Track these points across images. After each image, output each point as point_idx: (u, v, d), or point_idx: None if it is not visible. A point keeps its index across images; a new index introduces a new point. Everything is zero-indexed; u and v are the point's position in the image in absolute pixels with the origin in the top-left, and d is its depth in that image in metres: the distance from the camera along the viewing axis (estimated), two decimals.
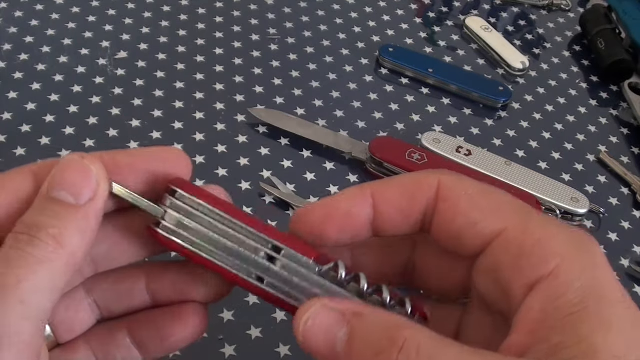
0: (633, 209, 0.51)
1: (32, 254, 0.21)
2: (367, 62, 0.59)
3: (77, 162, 0.23)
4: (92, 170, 0.23)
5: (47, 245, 0.22)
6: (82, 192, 0.23)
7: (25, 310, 0.21)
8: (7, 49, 0.54)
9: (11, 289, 0.21)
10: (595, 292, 0.22)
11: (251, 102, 0.53)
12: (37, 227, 0.22)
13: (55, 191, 0.23)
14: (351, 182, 0.49)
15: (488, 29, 0.63)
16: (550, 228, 0.23)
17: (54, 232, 0.22)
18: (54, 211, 0.22)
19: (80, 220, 0.23)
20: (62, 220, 0.22)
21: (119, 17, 0.59)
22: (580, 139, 0.56)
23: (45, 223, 0.22)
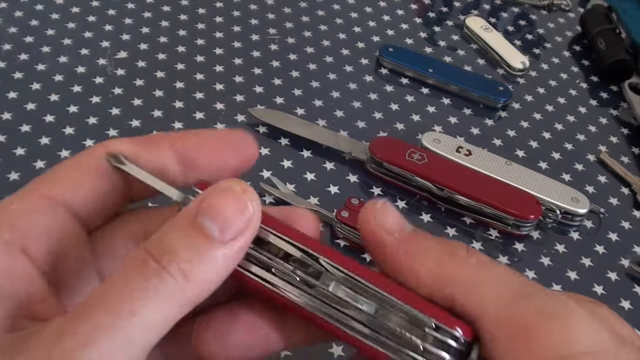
0: (633, 209, 0.51)
1: (157, 288, 0.19)
2: (367, 62, 0.59)
3: (237, 194, 0.21)
4: (249, 209, 0.21)
5: (175, 281, 0.19)
6: (230, 229, 0.20)
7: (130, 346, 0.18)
8: (7, 49, 0.54)
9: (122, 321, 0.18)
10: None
11: (251, 102, 0.53)
12: (169, 255, 0.19)
13: (205, 219, 0.20)
14: (351, 182, 0.49)
15: (488, 29, 0.63)
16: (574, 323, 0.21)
17: (185, 266, 0.19)
18: (194, 243, 0.20)
19: (218, 259, 0.20)
20: (199, 254, 0.20)
21: (119, 17, 0.59)
22: (580, 139, 0.56)
23: (179, 253, 0.19)
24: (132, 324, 0.18)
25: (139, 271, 0.19)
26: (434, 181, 0.47)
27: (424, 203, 0.49)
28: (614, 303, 0.45)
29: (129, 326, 0.18)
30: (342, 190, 0.48)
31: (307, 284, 0.22)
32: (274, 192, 0.47)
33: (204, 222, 0.20)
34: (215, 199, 0.20)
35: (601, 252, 0.48)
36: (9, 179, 0.45)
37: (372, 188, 0.49)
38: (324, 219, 0.46)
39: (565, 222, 0.49)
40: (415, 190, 0.49)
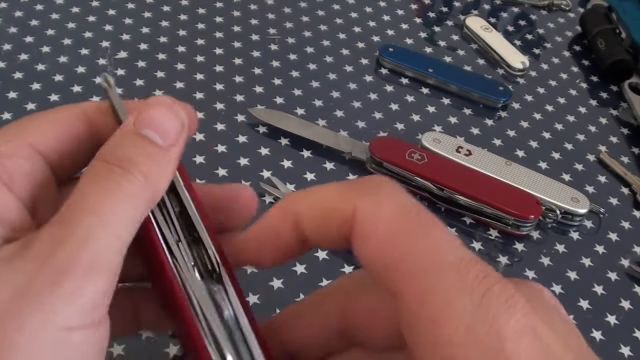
0: (633, 209, 0.51)
1: (127, 188, 0.22)
2: (367, 62, 0.59)
3: (168, 105, 0.24)
4: (181, 115, 0.24)
5: (138, 181, 0.22)
6: (169, 135, 0.23)
7: (118, 242, 0.21)
8: (7, 49, 0.54)
9: (108, 221, 0.21)
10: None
11: (251, 102, 0.53)
12: (130, 161, 0.22)
13: (145, 129, 0.23)
14: None
15: (488, 29, 0.63)
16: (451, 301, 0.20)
17: (144, 169, 0.22)
18: (144, 149, 0.23)
19: (164, 161, 0.23)
20: (151, 159, 0.23)
21: (119, 17, 0.59)
22: (580, 139, 0.56)
23: (137, 160, 0.22)
24: (115, 222, 0.21)
25: (108, 177, 0.22)
26: (434, 181, 0.47)
27: (424, 203, 0.49)
28: (614, 303, 0.45)
29: (113, 224, 0.21)
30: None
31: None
32: (274, 192, 0.47)
33: (147, 134, 0.23)
34: (152, 111, 0.23)
35: (601, 252, 0.48)
36: None
37: None
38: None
39: (565, 222, 0.49)
40: (415, 190, 0.49)
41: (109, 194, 0.21)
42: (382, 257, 0.21)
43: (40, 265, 0.20)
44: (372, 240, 0.21)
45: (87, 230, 0.20)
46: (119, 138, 0.23)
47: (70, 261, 0.20)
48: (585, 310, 0.44)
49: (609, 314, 0.44)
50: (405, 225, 0.21)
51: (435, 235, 0.21)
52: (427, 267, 0.21)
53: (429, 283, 0.20)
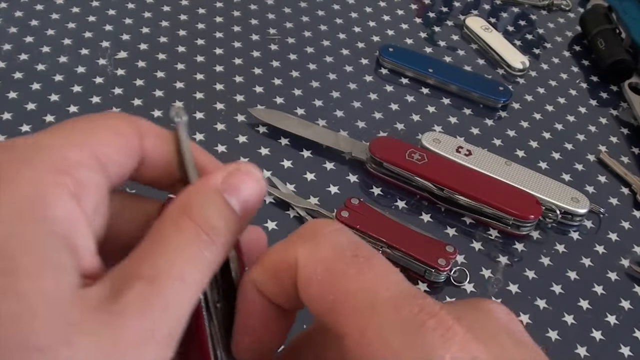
0: (633, 209, 0.51)
1: (208, 259, 0.21)
2: (367, 62, 0.59)
3: (257, 179, 0.24)
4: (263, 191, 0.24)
5: (218, 252, 0.22)
6: (247, 209, 0.23)
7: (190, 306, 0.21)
8: (7, 49, 0.54)
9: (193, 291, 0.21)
10: None
11: (251, 102, 0.53)
12: (215, 232, 0.22)
13: (231, 197, 0.22)
14: (351, 182, 0.49)
15: (488, 29, 0.63)
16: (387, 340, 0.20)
17: (224, 241, 0.22)
18: (228, 220, 0.22)
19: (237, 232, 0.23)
20: (230, 231, 0.22)
21: (119, 17, 0.59)
22: (580, 139, 0.56)
23: (222, 231, 0.22)
24: (194, 288, 0.21)
25: (196, 243, 0.21)
26: (434, 181, 0.47)
27: (424, 203, 0.49)
28: (614, 303, 0.45)
29: (193, 293, 0.21)
30: (342, 190, 0.48)
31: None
32: (274, 192, 0.47)
33: (231, 201, 0.22)
34: (242, 182, 0.23)
35: (601, 252, 0.48)
36: None
37: (372, 188, 0.49)
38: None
39: (565, 222, 0.49)
40: (415, 190, 0.49)
41: (194, 262, 0.21)
42: (323, 301, 0.21)
43: (127, 325, 0.19)
44: (312, 284, 0.21)
45: (173, 297, 0.20)
46: (205, 197, 0.22)
47: (156, 328, 0.20)
48: (585, 310, 0.44)
49: (609, 314, 0.44)
50: (341, 266, 0.21)
51: (372, 272, 0.21)
52: (362, 306, 0.20)
53: (364, 322, 0.20)
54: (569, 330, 0.43)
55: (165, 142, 0.24)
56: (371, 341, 0.20)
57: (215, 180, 0.23)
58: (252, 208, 0.23)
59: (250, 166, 0.24)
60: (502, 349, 0.20)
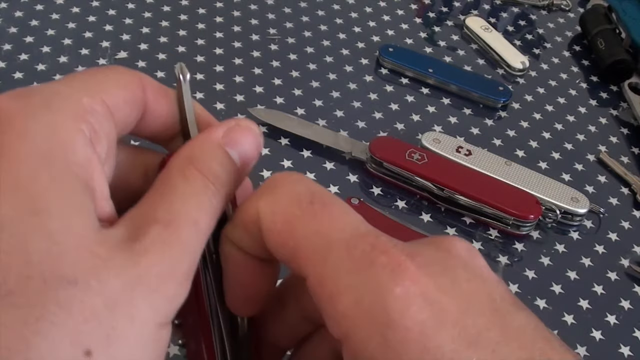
0: (633, 209, 0.51)
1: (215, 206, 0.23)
2: (367, 62, 0.59)
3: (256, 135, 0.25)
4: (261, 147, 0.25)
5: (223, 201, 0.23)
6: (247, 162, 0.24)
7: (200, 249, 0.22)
8: (7, 49, 0.54)
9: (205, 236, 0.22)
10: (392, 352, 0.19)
11: (251, 102, 0.53)
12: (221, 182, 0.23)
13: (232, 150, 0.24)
14: (351, 182, 0.49)
15: (488, 29, 0.63)
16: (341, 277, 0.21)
17: (228, 191, 0.23)
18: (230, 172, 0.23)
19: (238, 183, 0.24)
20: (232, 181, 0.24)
21: (119, 17, 0.59)
22: (580, 139, 0.56)
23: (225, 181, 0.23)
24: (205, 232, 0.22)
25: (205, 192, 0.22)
26: (434, 181, 0.48)
27: (424, 203, 0.49)
28: (613, 303, 0.45)
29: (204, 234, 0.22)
30: (342, 190, 0.48)
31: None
32: None
33: (232, 154, 0.24)
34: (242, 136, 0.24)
35: (601, 252, 0.48)
36: None
37: (372, 188, 0.49)
38: None
39: (565, 222, 0.49)
40: (415, 190, 0.49)
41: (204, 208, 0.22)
42: (284, 249, 0.22)
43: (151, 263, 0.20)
44: (274, 234, 0.22)
45: (189, 239, 0.21)
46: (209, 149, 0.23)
47: (175, 267, 0.21)
48: (585, 310, 0.44)
49: (609, 314, 0.44)
50: (297, 213, 0.22)
51: (327, 217, 0.22)
52: (318, 249, 0.21)
53: (320, 264, 0.21)
54: (569, 330, 0.43)
55: (166, 98, 0.25)
56: (326, 281, 0.21)
57: (217, 134, 0.24)
58: (251, 161, 0.24)
59: (249, 122, 0.25)
60: (454, 282, 0.21)
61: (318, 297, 0.21)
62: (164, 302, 0.21)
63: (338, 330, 0.21)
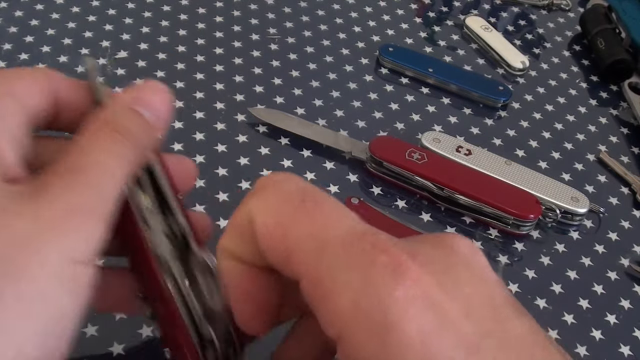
0: (633, 209, 0.51)
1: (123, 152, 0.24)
2: (367, 61, 0.59)
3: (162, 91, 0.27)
4: (170, 104, 0.27)
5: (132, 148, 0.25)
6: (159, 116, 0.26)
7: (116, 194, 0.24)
8: (7, 49, 0.54)
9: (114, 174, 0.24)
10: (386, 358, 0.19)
11: (251, 102, 0.53)
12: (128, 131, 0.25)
13: (139, 107, 0.26)
14: (351, 181, 0.49)
15: (488, 29, 0.63)
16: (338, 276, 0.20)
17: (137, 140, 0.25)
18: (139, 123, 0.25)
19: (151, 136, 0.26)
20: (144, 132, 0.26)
21: (119, 17, 0.59)
22: (580, 139, 0.56)
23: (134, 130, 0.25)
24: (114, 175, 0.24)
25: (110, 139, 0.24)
26: (434, 181, 0.48)
27: (424, 203, 0.49)
28: (613, 303, 0.45)
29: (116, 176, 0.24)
30: (342, 189, 0.48)
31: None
32: None
33: (141, 110, 0.26)
34: (145, 92, 0.26)
35: (601, 252, 0.48)
36: None
37: (372, 188, 0.49)
38: None
39: (565, 221, 0.49)
40: (415, 189, 0.49)
41: (111, 152, 0.24)
42: (277, 251, 0.22)
43: (54, 202, 0.22)
44: (265, 237, 0.22)
45: (95, 178, 0.23)
46: (118, 109, 0.26)
47: (82, 203, 0.22)
48: (585, 310, 0.44)
49: (609, 314, 0.44)
50: (289, 213, 0.22)
51: (321, 216, 0.22)
52: (313, 249, 0.21)
53: (316, 264, 0.21)
54: (569, 329, 0.43)
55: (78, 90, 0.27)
56: (323, 281, 0.20)
57: (123, 96, 0.26)
58: (160, 113, 0.26)
59: (154, 82, 0.27)
60: (455, 283, 0.20)
61: (312, 298, 0.21)
62: (76, 240, 0.22)
63: (332, 331, 0.20)
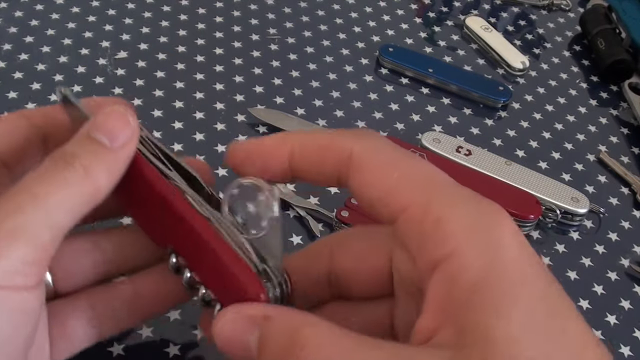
0: (633, 209, 0.51)
1: (64, 177, 0.24)
2: (367, 62, 0.59)
3: (119, 112, 0.26)
4: (130, 122, 0.26)
5: (78, 172, 0.25)
6: (117, 138, 0.26)
7: (48, 219, 0.24)
8: (7, 49, 0.54)
9: (40, 200, 0.24)
10: (495, 274, 0.21)
11: (251, 102, 0.53)
12: (72, 156, 0.25)
13: (95, 133, 0.26)
14: None
15: (488, 29, 0.63)
16: (453, 205, 0.23)
17: (85, 162, 0.25)
18: (89, 147, 0.26)
19: (110, 161, 0.26)
20: (95, 157, 0.25)
21: (119, 17, 0.59)
22: (580, 139, 0.56)
23: (81, 155, 0.25)
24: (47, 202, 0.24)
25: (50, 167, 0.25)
26: None
27: None
28: (614, 303, 0.45)
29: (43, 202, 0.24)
30: (342, 189, 0.48)
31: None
32: None
33: (96, 136, 0.26)
34: (103, 118, 0.26)
35: (601, 252, 0.48)
36: None
37: None
38: (324, 219, 0.46)
39: (565, 222, 0.49)
40: None
41: (47, 180, 0.24)
42: (382, 181, 0.24)
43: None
44: (370, 168, 0.24)
45: (16, 204, 0.24)
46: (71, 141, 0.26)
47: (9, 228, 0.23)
48: (585, 310, 0.44)
49: (609, 314, 0.44)
50: (400, 154, 0.25)
51: (427, 163, 0.25)
52: (427, 183, 0.24)
53: (431, 193, 0.23)
54: None
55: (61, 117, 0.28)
56: (439, 206, 0.23)
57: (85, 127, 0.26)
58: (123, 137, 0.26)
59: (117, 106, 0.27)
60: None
61: (419, 224, 0.23)
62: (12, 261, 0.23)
63: (440, 251, 0.22)
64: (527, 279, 0.22)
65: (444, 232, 0.22)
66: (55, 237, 0.24)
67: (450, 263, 0.22)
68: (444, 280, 0.22)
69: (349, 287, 0.28)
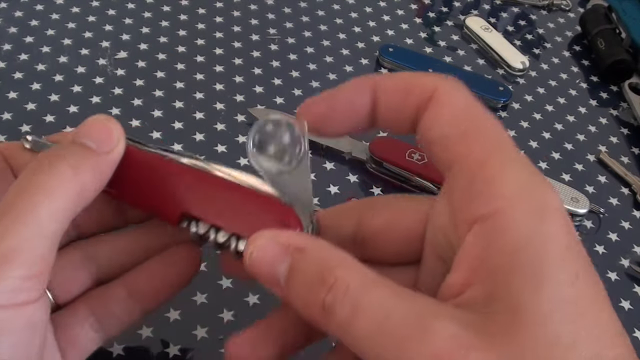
0: (633, 209, 0.51)
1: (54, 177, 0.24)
2: (367, 62, 0.59)
3: (102, 121, 0.27)
4: (114, 130, 0.27)
5: (66, 172, 0.25)
6: (103, 143, 0.26)
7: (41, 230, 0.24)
8: (7, 49, 0.54)
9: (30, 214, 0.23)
10: (537, 244, 0.21)
11: (251, 102, 0.53)
12: (59, 156, 0.25)
13: (81, 138, 0.26)
14: (351, 182, 0.49)
15: (488, 29, 0.63)
16: (512, 167, 0.23)
17: (73, 162, 0.25)
18: (76, 151, 0.26)
19: (96, 163, 0.26)
20: (82, 158, 0.25)
21: (119, 17, 0.59)
22: (580, 139, 0.56)
23: (67, 157, 0.25)
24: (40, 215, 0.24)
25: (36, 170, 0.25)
26: (434, 181, 0.47)
27: None
28: (614, 303, 0.45)
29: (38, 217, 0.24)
30: (342, 190, 0.48)
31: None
32: None
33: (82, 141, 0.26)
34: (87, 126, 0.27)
35: (601, 252, 0.48)
36: None
37: (372, 188, 0.49)
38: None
39: None
40: (415, 190, 0.49)
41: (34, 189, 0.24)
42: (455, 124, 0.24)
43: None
44: (451, 105, 0.24)
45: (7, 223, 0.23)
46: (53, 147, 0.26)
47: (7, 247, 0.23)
48: None
49: None
50: (478, 105, 0.25)
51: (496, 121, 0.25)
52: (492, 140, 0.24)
53: (492, 151, 0.23)
54: None
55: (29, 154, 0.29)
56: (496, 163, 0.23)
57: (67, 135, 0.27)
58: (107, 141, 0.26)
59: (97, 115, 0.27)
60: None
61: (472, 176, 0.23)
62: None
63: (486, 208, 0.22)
64: (567, 256, 0.21)
65: (494, 190, 0.22)
66: (51, 244, 0.24)
67: (495, 220, 0.21)
68: (483, 236, 0.21)
69: (376, 249, 0.27)
